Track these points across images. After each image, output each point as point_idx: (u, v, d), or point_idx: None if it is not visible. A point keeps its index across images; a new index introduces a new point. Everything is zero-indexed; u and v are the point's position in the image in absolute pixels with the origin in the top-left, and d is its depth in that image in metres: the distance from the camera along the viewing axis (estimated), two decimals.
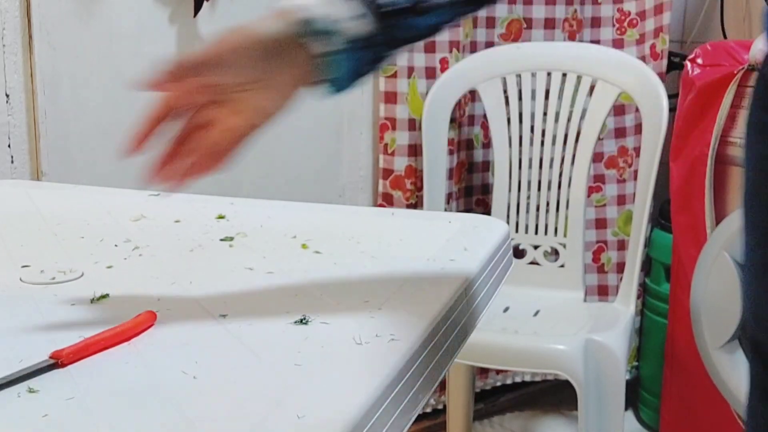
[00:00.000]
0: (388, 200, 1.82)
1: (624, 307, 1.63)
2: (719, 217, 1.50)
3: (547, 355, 1.46)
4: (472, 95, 1.87)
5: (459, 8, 0.69)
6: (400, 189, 1.82)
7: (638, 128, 1.98)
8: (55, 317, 0.65)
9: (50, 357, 0.55)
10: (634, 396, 2.09)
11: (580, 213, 1.74)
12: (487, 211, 1.87)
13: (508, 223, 1.60)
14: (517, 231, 1.80)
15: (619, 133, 2.00)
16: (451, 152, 1.84)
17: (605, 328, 1.52)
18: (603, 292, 2.05)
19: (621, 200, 2.02)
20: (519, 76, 1.77)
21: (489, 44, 1.90)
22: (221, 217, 0.95)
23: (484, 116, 1.84)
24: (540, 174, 1.78)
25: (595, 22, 1.98)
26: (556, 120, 1.76)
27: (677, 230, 1.64)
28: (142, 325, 0.62)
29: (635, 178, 1.88)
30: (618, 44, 1.97)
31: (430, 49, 1.79)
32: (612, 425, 1.50)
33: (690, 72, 1.58)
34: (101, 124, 1.47)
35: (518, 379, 2.14)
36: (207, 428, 0.47)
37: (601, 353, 1.46)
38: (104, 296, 0.69)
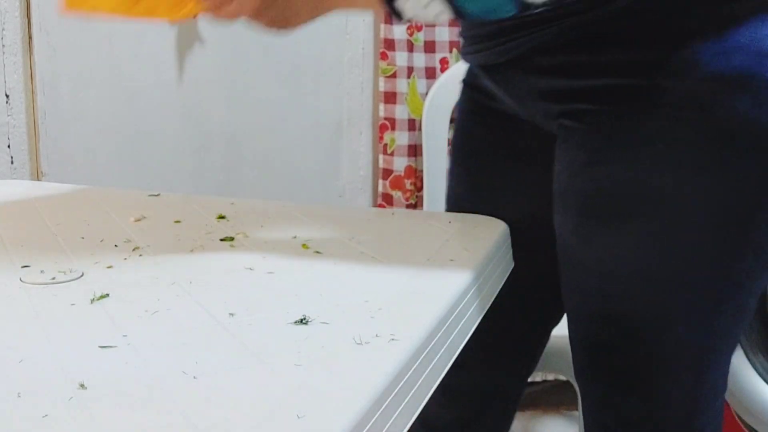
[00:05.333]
0: (388, 200, 1.82)
1: None
2: None
3: (547, 355, 1.45)
4: None
5: None
6: (400, 189, 1.82)
7: None
8: (55, 317, 0.64)
9: None
10: None
11: None
12: None
13: None
14: None
15: None
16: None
17: None
18: None
19: None
20: None
21: None
22: (221, 217, 0.95)
23: None
24: None
25: None
26: None
27: None
28: None
29: None
30: None
31: (430, 49, 1.79)
32: None
33: None
34: (101, 124, 1.47)
35: None
36: (207, 428, 0.47)
37: None
38: (104, 296, 0.69)
